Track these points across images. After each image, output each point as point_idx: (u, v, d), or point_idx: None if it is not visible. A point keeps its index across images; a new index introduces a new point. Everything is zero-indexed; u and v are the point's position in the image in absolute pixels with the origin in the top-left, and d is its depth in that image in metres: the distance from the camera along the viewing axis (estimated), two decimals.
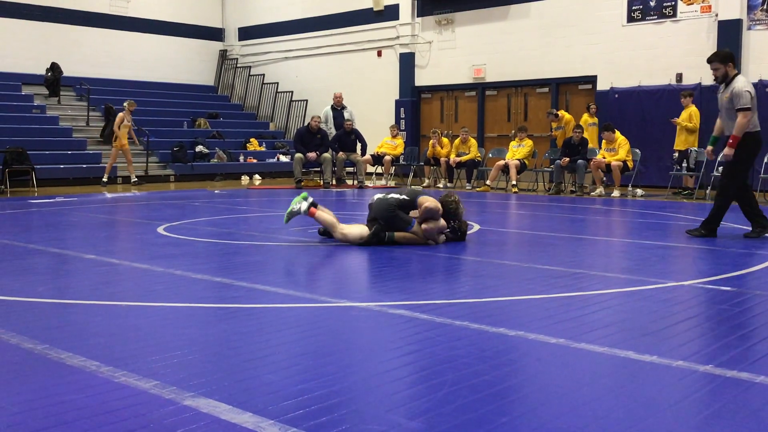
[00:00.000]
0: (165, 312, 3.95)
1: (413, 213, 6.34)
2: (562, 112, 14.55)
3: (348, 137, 14.95)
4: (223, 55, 21.80)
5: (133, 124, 14.80)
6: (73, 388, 2.69)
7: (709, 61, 6.85)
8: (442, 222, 6.42)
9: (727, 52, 6.88)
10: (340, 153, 14.73)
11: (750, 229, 6.97)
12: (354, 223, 6.62)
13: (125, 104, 14.67)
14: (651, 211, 9.78)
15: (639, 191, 12.41)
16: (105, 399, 2.57)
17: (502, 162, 13.97)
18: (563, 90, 15.72)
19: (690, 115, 12.14)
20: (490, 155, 15.23)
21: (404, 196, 6.37)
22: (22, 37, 17.75)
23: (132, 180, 14.71)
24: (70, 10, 18.56)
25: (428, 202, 6.24)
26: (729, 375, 2.88)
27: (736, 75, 6.75)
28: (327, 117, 15.30)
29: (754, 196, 6.90)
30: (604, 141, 12.73)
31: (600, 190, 12.57)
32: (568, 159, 12.98)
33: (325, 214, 6.40)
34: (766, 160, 11.48)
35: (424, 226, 6.29)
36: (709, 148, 7.18)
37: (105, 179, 14.52)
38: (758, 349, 3.25)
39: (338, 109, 15.46)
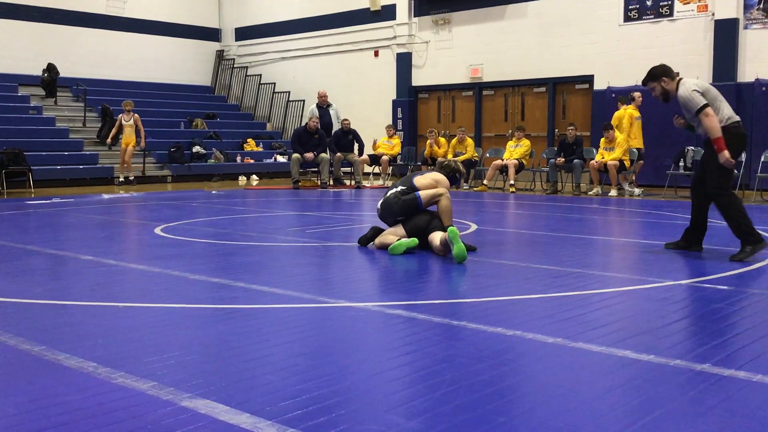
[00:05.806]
0: (162, 313, 3.95)
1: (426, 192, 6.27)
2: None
3: (346, 137, 14.94)
4: (220, 55, 21.77)
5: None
6: (71, 389, 2.69)
7: (643, 83, 6.12)
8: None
9: (658, 68, 6.04)
10: (338, 154, 14.72)
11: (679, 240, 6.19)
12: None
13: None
14: (649, 210, 9.79)
15: (637, 190, 12.42)
16: (103, 400, 2.57)
17: (499, 162, 13.97)
18: (560, 89, 15.73)
19: (619, 117, 12.49)
20: (487, 155, 15.23)
21: (401, 187, 6.26)
22: (19, 38, 17.71)
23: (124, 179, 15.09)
24: (67, 10, 18.52)
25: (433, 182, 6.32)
26: (726, 374, 2.88)
27: (678, 85, 5.91)
28: (312, 116, 15.22)
29: (706, 218, 6.04)
30: (602, 140, 12.74)
31: (597, 189, 12.59)
32: (563, 159, 13.00)
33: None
34: (763, 159, 11.51)
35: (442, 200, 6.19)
36: (681, 121, 6.19)
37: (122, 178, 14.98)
38: (755, 348, 3.26)
39: (323, 107, 15.45)
